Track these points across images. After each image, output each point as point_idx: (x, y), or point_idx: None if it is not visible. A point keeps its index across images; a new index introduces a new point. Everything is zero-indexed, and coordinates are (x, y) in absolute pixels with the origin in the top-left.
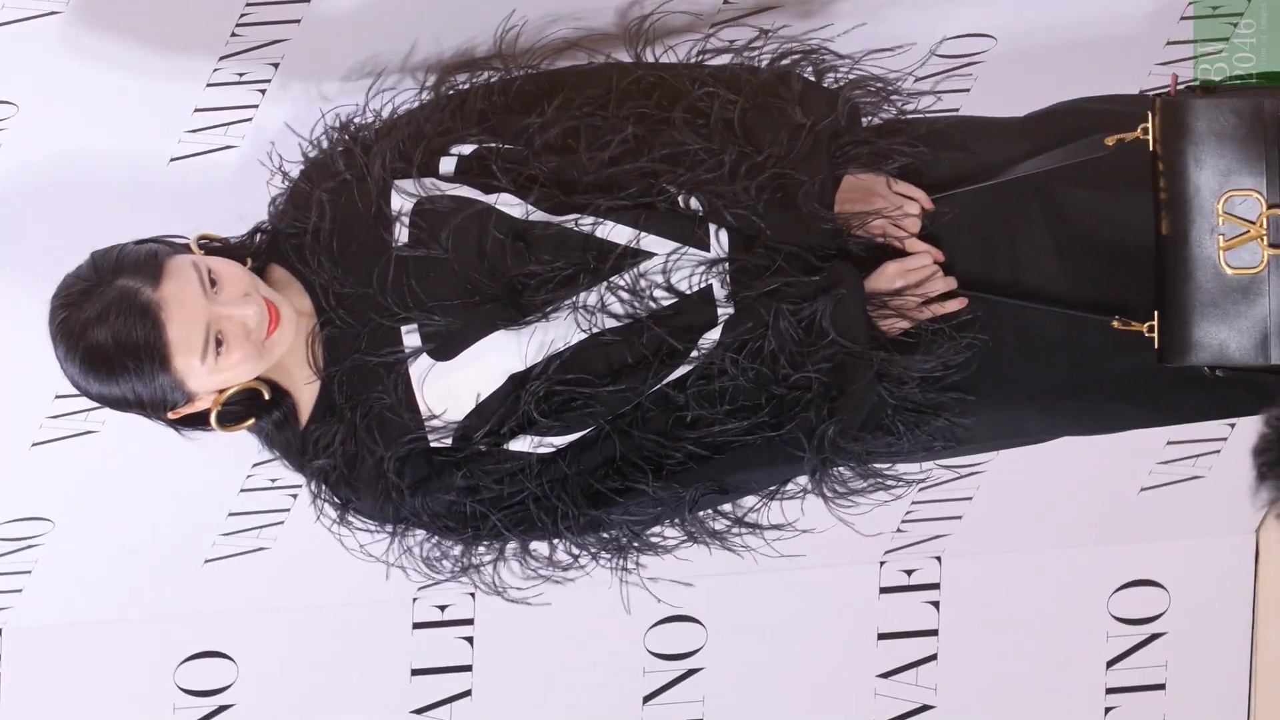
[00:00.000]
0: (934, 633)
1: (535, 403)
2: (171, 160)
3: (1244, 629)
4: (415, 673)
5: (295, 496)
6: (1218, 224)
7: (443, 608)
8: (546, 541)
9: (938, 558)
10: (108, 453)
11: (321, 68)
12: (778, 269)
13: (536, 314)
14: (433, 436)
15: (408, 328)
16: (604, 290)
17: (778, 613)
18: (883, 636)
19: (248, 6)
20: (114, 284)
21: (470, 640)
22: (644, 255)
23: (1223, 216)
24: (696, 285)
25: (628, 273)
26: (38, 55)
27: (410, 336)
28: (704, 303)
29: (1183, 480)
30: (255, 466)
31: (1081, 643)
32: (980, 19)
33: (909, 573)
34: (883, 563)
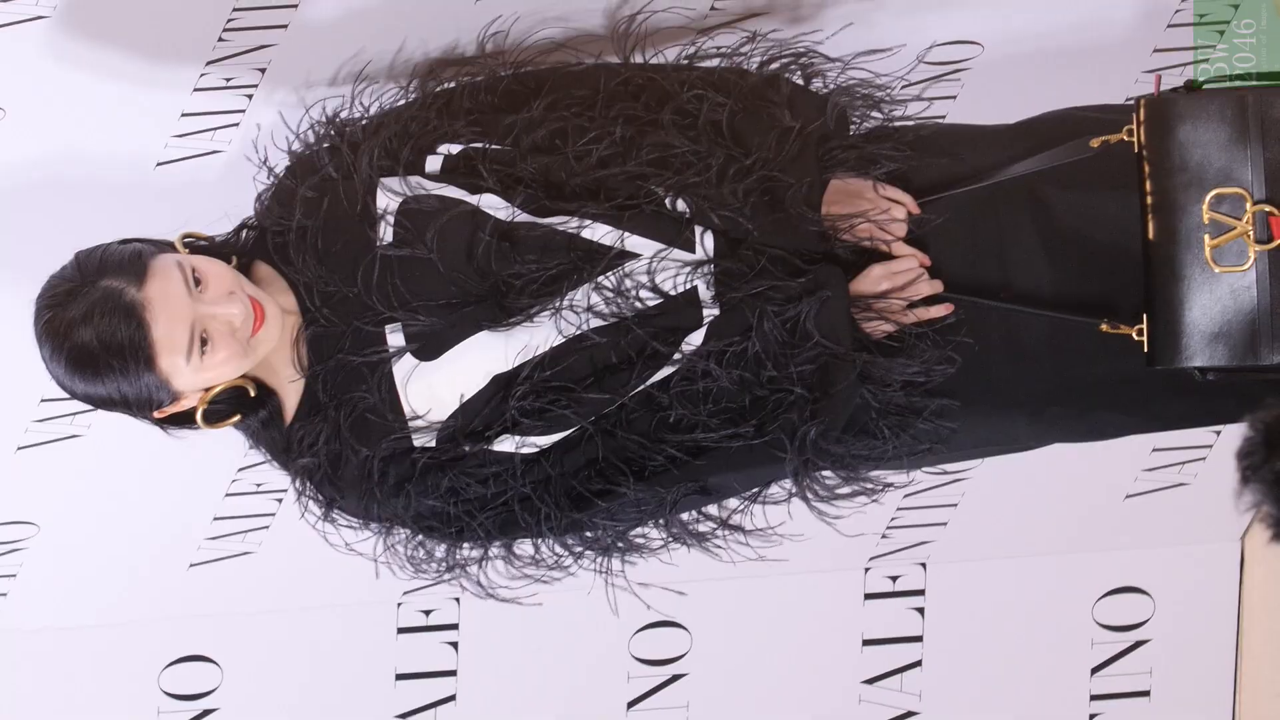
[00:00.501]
0: (919, 639)
1: (519, 403)
2: (158, 164)
3: (1229, 636)
4: (400, 677)
5: (280, 501)
6: (1204, 223)
7: (427, 612)
8: (530, 542)
9: (923, 564)
10: (93, 457)
11: (308, 74)
12: (763, 271)
13: (521, 315)
14: (416, 437)
15: (392, 327)
16: (589, 291)
17: (762, 618)
18: (868, 642)
19: (235, 12)
20: (98, 284)
21: (455, 645)
22: (629, 256)
23: (1209, 215)
24: (681, 286)
25: (613, 273)
26: (26, 59)
27: (394, 336)
28: (689, 304)
29: (1168, 487)
30: (240, 471)
31: (1066, 649)
32: (968, 26)
33: (894, 579)
34: (868, 569)
